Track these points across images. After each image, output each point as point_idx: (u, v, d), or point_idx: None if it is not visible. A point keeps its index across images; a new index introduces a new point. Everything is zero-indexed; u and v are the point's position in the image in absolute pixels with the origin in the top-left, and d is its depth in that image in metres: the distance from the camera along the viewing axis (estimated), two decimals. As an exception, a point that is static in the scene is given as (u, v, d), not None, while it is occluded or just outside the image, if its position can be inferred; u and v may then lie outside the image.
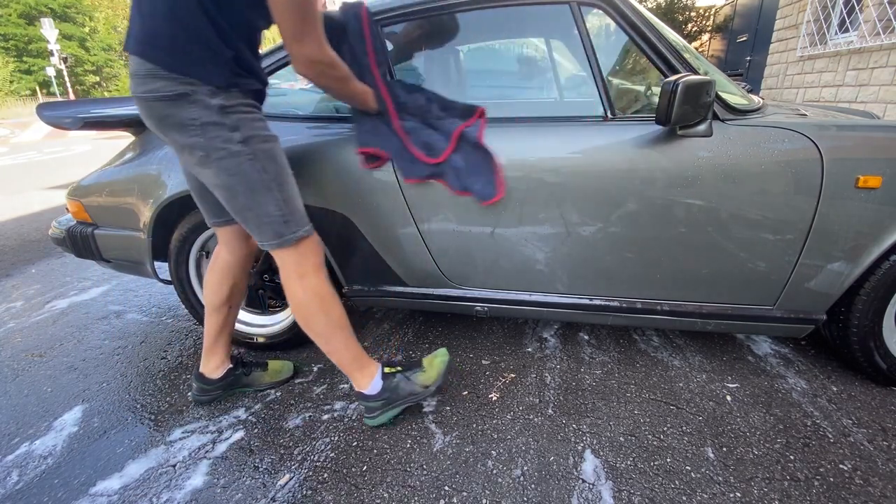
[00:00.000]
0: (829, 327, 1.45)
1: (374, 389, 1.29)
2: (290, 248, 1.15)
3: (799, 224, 1.22)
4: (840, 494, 1.08)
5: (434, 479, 1.16)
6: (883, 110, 3.99)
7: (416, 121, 1.35)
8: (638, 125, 1.28)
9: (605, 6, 1.26)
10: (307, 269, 1.18)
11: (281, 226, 1.12)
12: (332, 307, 1.23)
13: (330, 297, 1.22)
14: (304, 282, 1.18)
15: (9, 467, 1.24)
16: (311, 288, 1.19)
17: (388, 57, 1.38)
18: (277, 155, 1.12)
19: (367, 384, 1.29)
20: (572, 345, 1.73)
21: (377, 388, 1.29)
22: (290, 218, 1.13)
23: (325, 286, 1.22)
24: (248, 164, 1.06)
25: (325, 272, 1.23)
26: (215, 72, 1.00)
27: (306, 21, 1.01)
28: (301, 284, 1.18)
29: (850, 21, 4.57)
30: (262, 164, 1.07)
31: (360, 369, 1.29)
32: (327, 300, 1.22)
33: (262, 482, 1.16)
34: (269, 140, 1.10)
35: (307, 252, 1.18)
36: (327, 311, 1.22)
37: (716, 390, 1.45)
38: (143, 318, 2.07)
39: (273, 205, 1.10)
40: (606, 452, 1.22)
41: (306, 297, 1.19)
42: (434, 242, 1.47)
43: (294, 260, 1.17)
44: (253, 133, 1.06)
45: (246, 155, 1.05)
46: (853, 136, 1.19)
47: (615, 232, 1.33)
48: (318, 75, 1.13)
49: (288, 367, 1.58)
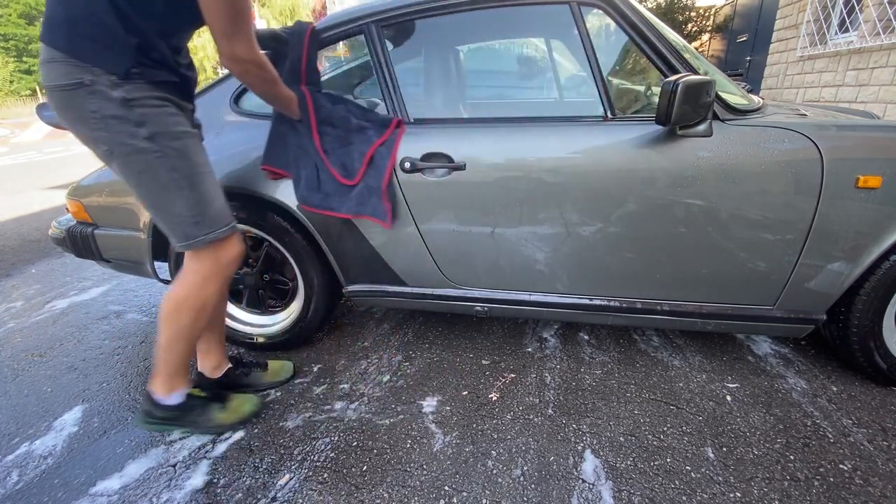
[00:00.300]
0: (829, 327, 1.45)
1: (167, 401, 1.25)
2: (201, 250, 1.11)
3: (799, 224, 1.22)
4: (840, 494, 1.08)
5: (434, 479, 1.16)
6: (883, 110, 3.99)
7: (336, 135, 1.37)
8: (638, 125, 1.28)
9: (605, 6, 1.26)
10: (217, 272, 1.15)
11: (191, 227, 1.08)
12: (203, 320, 1.19)
13: (210, 308, 1.19)
14: (206, 285, 1.14)
15: (9, 467, 1.24)
16: (205, 294, 1.15)
17: (319, 75, 1.43)
18: (192, 153, 1.07)
19: (167, 394, 1.24)
20: (572, 345, 1.73)
21: (172, 402, 1.25)
22: (201, 219, 1.08)
23: (216, 299, 1.19)
24: (155, 161, 1.01)
25: (228, 285, 1.22)
26: (113, 59, 0.95)
27: (237, 19, 0.99)
28: (199, 285, 1.14)
29: (850, 21, 4.57)
30: (171, 163, 1.03)
31: (171, 378, 1.23)
32: (206, 312, 1.18)
33: (262, 482, 1.16)
34: (183, 137, 1.05)
35: (221, 255, 1.14)
36: (198, 323, 1.18)
37: (716, 390, 1.45)
38: (143, 318, 2.07)
39: (182, 205, 1.05)
40: (606, 452, 1.22)
41: (192, 297, 1.14)
42: (434, 242, 1.47)
43: (205, 262, 1.13)
44: (162, 129, 1.01)
45: (153, 152, 1.01)
46: (853, 136, 1.19)
47: (615, 232, 1.33)
48: (244, 73, 1.11)
49: (288, 368, 1.58)
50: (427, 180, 1.39)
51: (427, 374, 1.58)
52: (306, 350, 1.75)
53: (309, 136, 1.36)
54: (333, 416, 1.39)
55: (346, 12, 1.47)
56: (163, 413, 1.26)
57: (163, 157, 1.02)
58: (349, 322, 1.97)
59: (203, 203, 1.08)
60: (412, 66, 1.90)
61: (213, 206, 1.10)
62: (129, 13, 0.95)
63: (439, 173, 1.38)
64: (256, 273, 1.68)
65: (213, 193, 1.11)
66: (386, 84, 1.44)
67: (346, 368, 1.63)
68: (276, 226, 1.52)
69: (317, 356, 1.71)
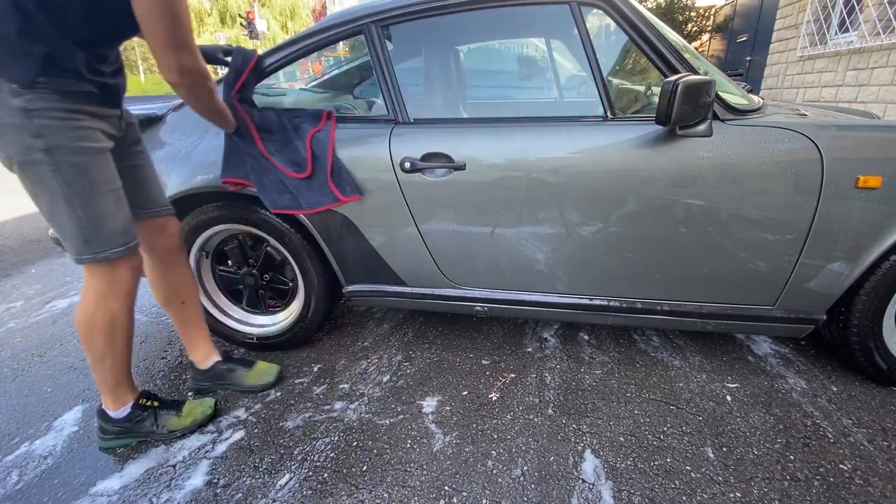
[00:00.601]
0: (829, 327, 1.45)
1: (118, 414, 1.26)
2: (94, 267, 1.10)
3: (799, 224, 1.22)
4: (840, 494, 1.08)
5: (434, 479, 1.16)
6: (883, 110, 3.99)
7: (276, 139, 1.41)
8: (638, 125, 1.28)
9: (605, 6, 1.25)
10: (112, 291, 1.13)
11: (80, 244, 1.06)
12: (120, 337, 1.18)
13: (122, 325, 1.17)
14: (104, 302, 1.13)
15: (9, 467, 1.24)
16: (106, 311, 1.14)
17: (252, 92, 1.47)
18: (90, 170, 1.03)
19: (115, 408, 1.26)
20: (572, 345, 1.73)
21: (122, 414, 1.26)
22: (91, 238, 1.06)
23: (124, 314, 1.16)
24: (49, 174, 0.99)
25: (133, 299, 1.19)
26: (16, 67, 0.93)
27: (180, 28, 0.98)
28: (97, 302, 1.13)
29: (850, 21, 4.57)
30: (65, 178, 1.00)
31: (113, 393, 1.25)
32: (117, 328, 1.16)
33: (262, 482, 1.16)
34: (85, 153, 1.02)
35: (116, 275, 1.12)
36: (113, 339, 1.17)
37: (716, 390, 1.45)
38: (143, 318, 2.07)
39: (73, 221, 1.04)
40: (606, 452, 1.22)
41: (96, 316, 1.14)
42: (434, 242, 1.47)
43: (99, 278, 1.12)
44: (61, 143, 0.98)
45: (47, 164, 0.98)
46: (853, 136, 1.19)
47: (615, 232, 1.33)
48: (191, 85, 1.09)
49: (272, 372, 1.54)
50: (427, 180, 1.39)
51: (427, 374, 1.58)
52: (306, 350, 1.75)
53: (253, 144, 1.40)
54: (333, 416, 1.39)
55: (345, 12, 1.47)
56: (116, 427, 1.27)
57: (57, 172, 0.99)
58: (349, 322, 1.97)
59: (95, 222, 1.05)
60: (412, 66, 1.90)
61: (107, 226, 1.07)
62: (39, 21, 0.93)
63: (439, 173, 1.38)
64: (256, 273, 1.67)
65: (110, 213, 1.07)
66: (386, 84, 1.44)
67: (346, 368, 1.63)
68: (274, 226, 1.52)
69: (317, 356, 1.71)
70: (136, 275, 1.17)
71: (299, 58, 1.51)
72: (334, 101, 2.00)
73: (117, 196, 1.09)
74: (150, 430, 1.30)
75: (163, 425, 1.30)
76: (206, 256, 1.69)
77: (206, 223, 1.57)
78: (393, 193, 1.42)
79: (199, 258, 1.68)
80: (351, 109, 1.80)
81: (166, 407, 1.33)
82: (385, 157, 1.40)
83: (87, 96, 1.02)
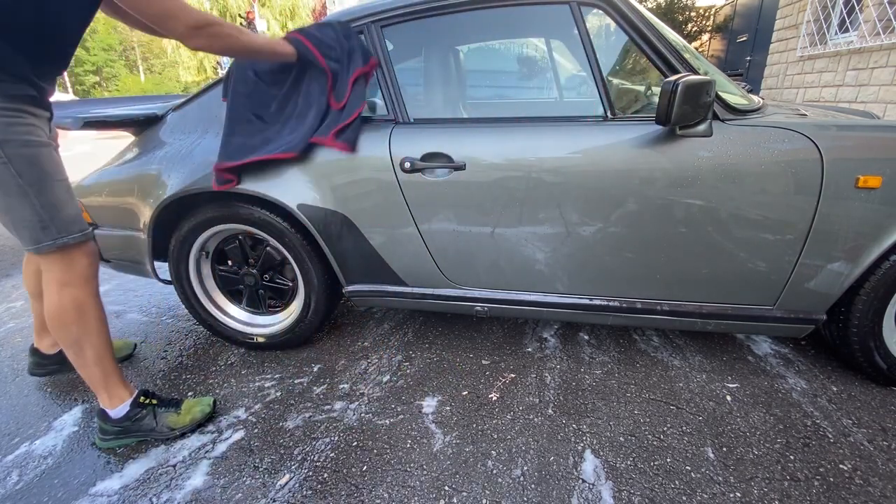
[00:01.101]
0: (829, 327, 1.45)
1: (117, 414, 1.27)
2: (53, 254, 1.13)
3: (799, 224, 1.22)
4: (840, 494, 1.08)
5: (434, 479, 1.16)
6: (883, 110, 3.99)
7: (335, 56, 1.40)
8: (638, 125, 1.28)
9: (605, 6, 1.26)
10: (72, 278, 1.16)
11: (38, 231, 1.10)
12: (92, 322, 1.20)
13: (92, 311, 1.20)
14: (66, 290, 1.16)
15: (9, 467, 1.24)
16: (71, 298, 1.16)
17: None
18: (41, 161, 1.09)
19: (113, 406, 1.27)
20: (572, 345, 1.73)
21: (121, 413, 1.27)
22: (49, 224, 1.10)
23: (90, 299, 1.19)
24: (2, 168, 1.04)
25: (96, 285, 1.21)
26: None
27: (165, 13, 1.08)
28: (60, 292, 1.16)
29: (850, 21, 4.57)
30: (16, 169, 1.05)
31: (107, 390, 1.26)
32: (87, 314, 1.19)
33: (262, 482, 1.16)
34: (32, 145, 1.07)
35: (74, 262, 1.16)
36: (86, 325, 1.19)
37: (716, 390, 1.45)
38: (143, 318, 2.07)
39: (29, 210, 1.08)
40: (606, 452, 1.22)
41: (63, 306, 1.16)
42: (434, 242, 1.47)
43: (58, 267, 1.15)
44: (9, 138, 1.04)
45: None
46: (853, 136, 1.19)
47: (615, 232, 1.33)
48: (211, 39, 1.16)
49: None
50: (427, 180, 1.39)
51: (427, 374, 1.58)
52: (306, 350, 1.75)
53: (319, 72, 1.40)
54: (333, 416, 1.39)
55: (345, 12, 1.47)
56: (116, 427, 1.28)
57: (8, 164, 1.04)
58: (349, 322, 1.97)
59: (52, 208, 1.10)
60: (412, 66, 1.90)
61: (63, 213, 1.12)
62: None
63: (439, 173, 1.38)
64: (257, 273, 1.67)
65: (64, 201, 1.13)
66: (386, 84, 1.44)
67: (346, 368, 1.63)
68: (274, 226, 1.52)
69: (317, 356, 1.71)
70: (94, 261, 1.21)
71: (299, 58, 1.51)
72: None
73: (68, 185, 1.16)
74: (150, 427, 1.30)
75: (162, 423, 1.31)
76: (206, 256, 1.70)
77: (206, 223, 1.57)
78: (393, 193, 1.42)
79: (199, 257, 1.68)
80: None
81: (165, 405, 1.34)
82: (385, 157, 1.40)
83: (29, 98, 1.09)
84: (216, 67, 18.79)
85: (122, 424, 1.28)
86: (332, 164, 1.44)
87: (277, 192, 1.46)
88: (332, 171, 1.44)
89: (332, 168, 1.44)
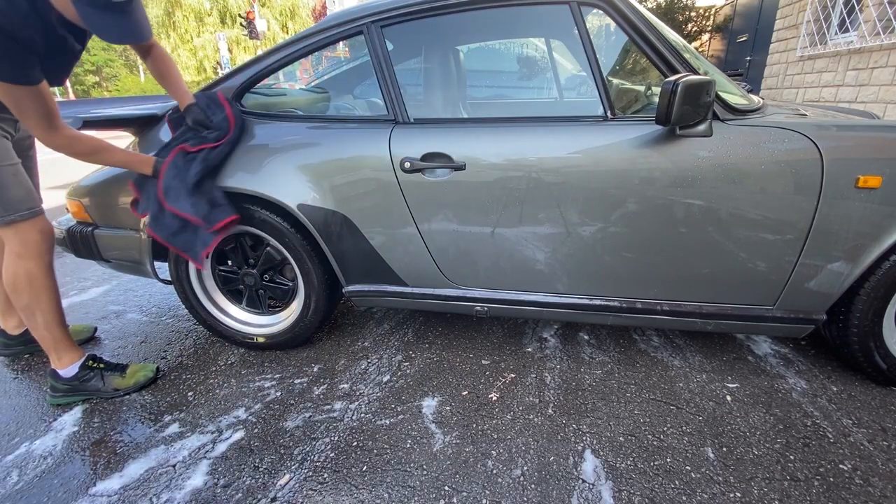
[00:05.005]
0: (829, 327, 1.45)
1: (66, 373, 1.46)
2: (6, 230, 1.31)
3: (799, 224, 1.22)
4: (840, 494, 1.08)
5: (434, 479, 1.16)
6: (883, 110, 3.99)
7: None
8: (638, 125, 1.28)
9: (605, 6, 1.25)
10: (26, 251, 1.34)
11: None
12: (42, 292, 1.38)
13: (42, 281, 1.37)
14: (21, 262, 1.34)
15: (9, 467, 1.24)
16: (24, 269, 1.34)
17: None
18: None
19: (63, 366, 1.46)
20: (572, 345, 1.72)
21: (70, 373, 1.46)
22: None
23: (41, 272, 1.36)
24: None
25: (49, 260, 1.39)
26: None
27: (22, 112, 1.17)
28: (16, 263, 1.34)
29: (850, 21, 4.58)
30: None
31: (56, 352, 1.45)
32: (37, 284, 1.36)
33: (262, 482, 1.16)
34: None
35: (27, 237, 1.33)
36: (36, 294, 1.37)
37: (716, 390, 1.45)
38: (143, 318, 2.07)
39: None
40: (606, 452, 1.22)
41: (18, 274, 1.35)
42: (434, 242, 1.47)
43: (14, 241, 1.33)
44: None
45: None
46: (853, 136, 1.19)
47: (615, 232, 1.33)
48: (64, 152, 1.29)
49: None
50: (427, 180, 1.39)
51: (427, 374, 1.58)
52: (306, 350, 1.75)
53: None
54: (333, 416, 1.39)
55: (345, 12, 1.47)
56: (64, 384, 1.46)
57: None
58: (349, 322, 1.97)
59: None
60: (412, 66, 1.90)
61: (9, 194, 1.29)
62: None
63: (439, 173, 1.38)
64: (257, 273, 1.67)
65: (10, 184, 1.30)
66: (386, 84, 1.44)
67: (346, 368, 1.63)
68: (275, 226, 1.52)
69: (317, 356, 1.71)
70: (46, 237, 1.38)
71: (299, 58, 1.51)
72: (334, 101, 2.00)
73: (15, 170, 1.32)
74: (97, 388, 1.48)
75: (108, 384, 1.49)
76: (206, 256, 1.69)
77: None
78: (393, 193, 1.42)
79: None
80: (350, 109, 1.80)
81: (111, 369, 1.52)
82: (385, 158, 1.40)
83: None
84: (216, 68, 18.78)
85: (70, 383, 1.46)
86: (333, 165, 1.44)
87: (278, 193, 1.46)
88: (333, 171, 1.44)
89: (333, 168, 1.44)
